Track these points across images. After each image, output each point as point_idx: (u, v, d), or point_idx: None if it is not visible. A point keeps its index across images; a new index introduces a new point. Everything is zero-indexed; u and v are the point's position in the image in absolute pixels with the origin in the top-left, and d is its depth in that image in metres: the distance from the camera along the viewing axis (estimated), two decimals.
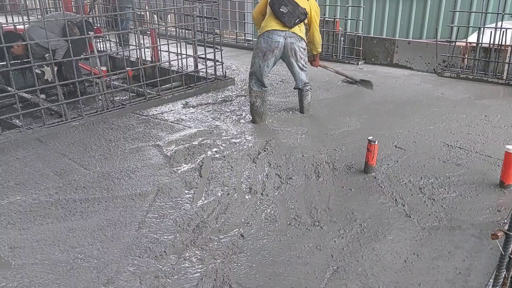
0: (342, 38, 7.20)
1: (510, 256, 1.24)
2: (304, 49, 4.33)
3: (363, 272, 2.22)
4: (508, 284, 1.32)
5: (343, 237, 2.51)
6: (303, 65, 4.40)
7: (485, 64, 5.91)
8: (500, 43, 5.60)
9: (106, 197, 2.97)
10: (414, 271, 2.23)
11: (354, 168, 3.34)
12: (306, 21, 4.28)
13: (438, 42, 6.36)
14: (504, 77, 5.66)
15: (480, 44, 5.82)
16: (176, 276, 2.21)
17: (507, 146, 2.90)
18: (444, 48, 6.27)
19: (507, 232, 1.14)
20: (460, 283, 2.13)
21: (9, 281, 2.17)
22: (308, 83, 4.54)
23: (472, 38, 6.68)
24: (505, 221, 1.21)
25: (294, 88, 4.61)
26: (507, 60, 5.63)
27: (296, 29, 4.18)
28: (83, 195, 2.99)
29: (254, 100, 4.33)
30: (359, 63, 7.11)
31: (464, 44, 6.15)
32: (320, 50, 4.71)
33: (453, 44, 6.15)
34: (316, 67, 5.08)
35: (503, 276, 1.23)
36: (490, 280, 2.01)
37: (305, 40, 4.33)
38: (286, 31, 4.14)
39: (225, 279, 2.18)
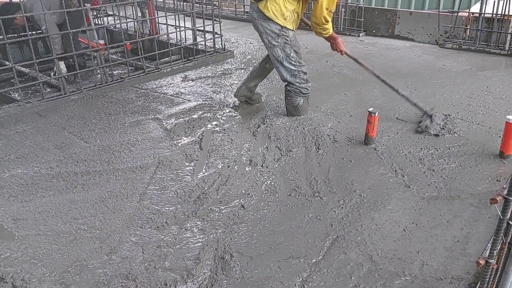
0: (343, 9, 7.08)
1: (508, 221, 1.25)
2: (276, 34, 3.35)
3: (362, 240, 2.25)
4: (505, 249, 1.34)
5: (342, 207, 2.53)
6: (281, 58, 3.43)
7: (488, 35, 5.83)
8: (503, 12, 5.51)
9: (107, 169, 2.98)
10: (412, 239, 2.26)
11: (355, 140, 3.34)
12: None
13: (440, 13, 6.27)
14: (507, 48, 5.61)
15: (483, 14, 5.73)
16: (178, 246, 2.24)
17: (508, 116, 2.89)
18: (446, 19, 6.18)
19: (506, 196, 1.15)
20: (458, 251, 2.16)
21: (13, 251, 2.20)
22: (292, 83, 3.53)
23: (475, 8, 6.58)
24: (505, 186, 1.22)
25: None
26: (510, 31, 5.55)
27: (261, 4, 3.31)
28: (84, 168, 3.00)
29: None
30: (360, 35, 7.02)
31: (466, 14, 6.06)
32: (324, 33, 3.41)
33: (456, 14, 6.06)
34: (340, 53, 3.62)
35: (500, 241, 1.25)
36: (488, 245, 2.04)
37: (278, 22, 3.32)
38: (253, 3, 3.39)
39: (226, 249, 2.21)
